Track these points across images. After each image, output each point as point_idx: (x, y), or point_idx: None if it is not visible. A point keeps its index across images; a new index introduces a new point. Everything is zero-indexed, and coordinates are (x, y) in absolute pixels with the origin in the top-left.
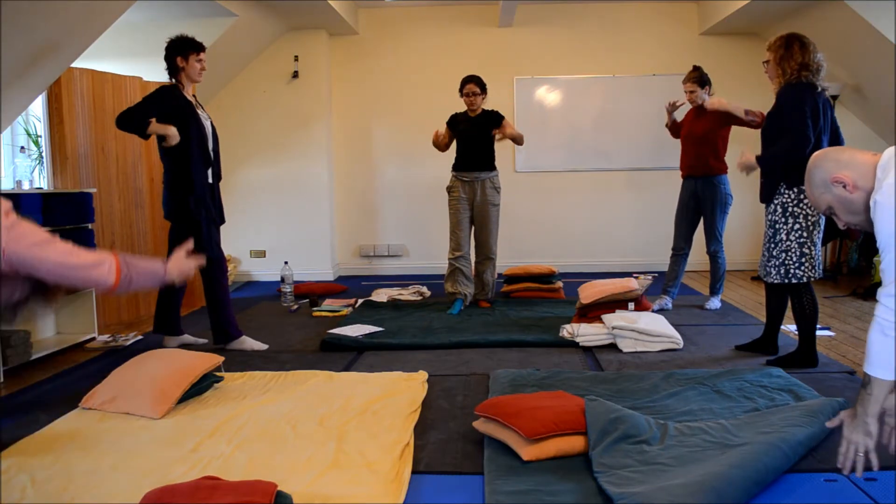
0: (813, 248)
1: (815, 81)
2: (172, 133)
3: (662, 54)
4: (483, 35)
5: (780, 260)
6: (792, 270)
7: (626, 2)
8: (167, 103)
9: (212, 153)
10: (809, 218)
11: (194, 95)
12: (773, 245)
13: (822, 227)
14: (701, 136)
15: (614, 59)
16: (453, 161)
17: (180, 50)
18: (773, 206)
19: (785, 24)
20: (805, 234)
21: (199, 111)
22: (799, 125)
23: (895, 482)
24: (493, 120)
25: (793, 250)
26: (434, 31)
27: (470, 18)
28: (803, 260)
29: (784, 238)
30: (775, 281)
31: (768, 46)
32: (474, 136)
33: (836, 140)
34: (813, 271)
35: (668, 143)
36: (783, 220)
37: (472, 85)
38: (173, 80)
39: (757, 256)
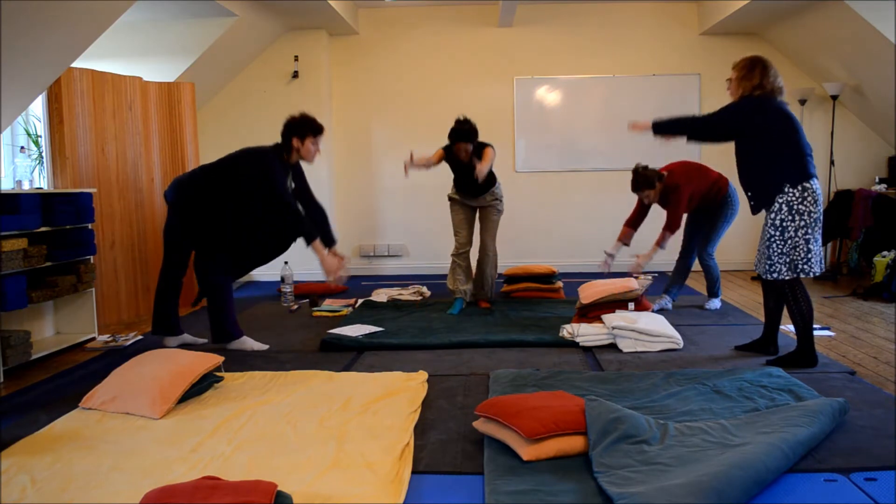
0: (816, 243)
1: (768, 97)
2: (332, 269)
3: (662, 54)
4: (483, 35)
5: (790, 257)
6: (800, 265)
7: (626, 2)
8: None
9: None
10: (812, 214)
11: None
12: (781, 243)
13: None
14: (690, 209)
15: (614, 59)
16: (453, 178)
17: (298, 131)
18: (777, 205)
19: (785, 24)
20: (810, 230)
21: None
22: (713, 116)
23: (895, 482)
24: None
25: (800, 246)
26: (434, 31)
27: (470, 18)
28: (810, 256)
29: (792, 235)
30: (785, 277)
31: (734, 66)
32: (470, 176)
33: (798, 143)
34: (819, 266)
35: (669, 143)
36: (790, 217)
37: (463, 144)
38: (283, 151)
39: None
